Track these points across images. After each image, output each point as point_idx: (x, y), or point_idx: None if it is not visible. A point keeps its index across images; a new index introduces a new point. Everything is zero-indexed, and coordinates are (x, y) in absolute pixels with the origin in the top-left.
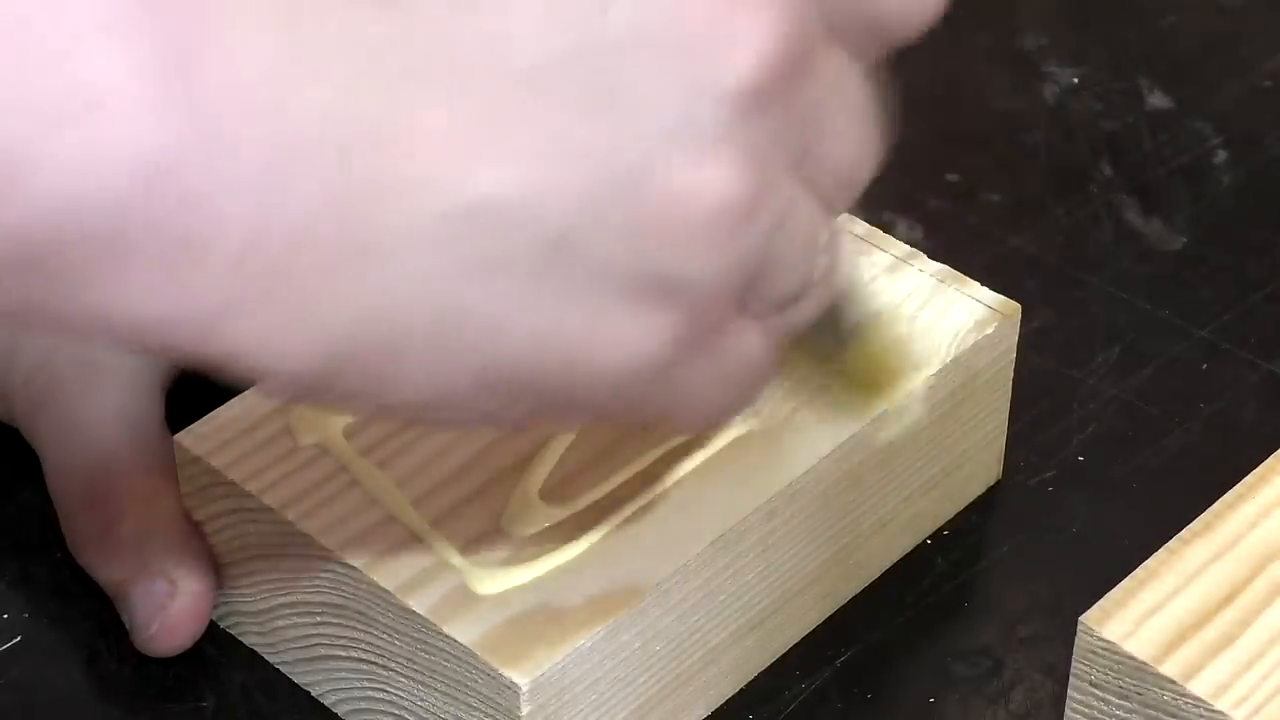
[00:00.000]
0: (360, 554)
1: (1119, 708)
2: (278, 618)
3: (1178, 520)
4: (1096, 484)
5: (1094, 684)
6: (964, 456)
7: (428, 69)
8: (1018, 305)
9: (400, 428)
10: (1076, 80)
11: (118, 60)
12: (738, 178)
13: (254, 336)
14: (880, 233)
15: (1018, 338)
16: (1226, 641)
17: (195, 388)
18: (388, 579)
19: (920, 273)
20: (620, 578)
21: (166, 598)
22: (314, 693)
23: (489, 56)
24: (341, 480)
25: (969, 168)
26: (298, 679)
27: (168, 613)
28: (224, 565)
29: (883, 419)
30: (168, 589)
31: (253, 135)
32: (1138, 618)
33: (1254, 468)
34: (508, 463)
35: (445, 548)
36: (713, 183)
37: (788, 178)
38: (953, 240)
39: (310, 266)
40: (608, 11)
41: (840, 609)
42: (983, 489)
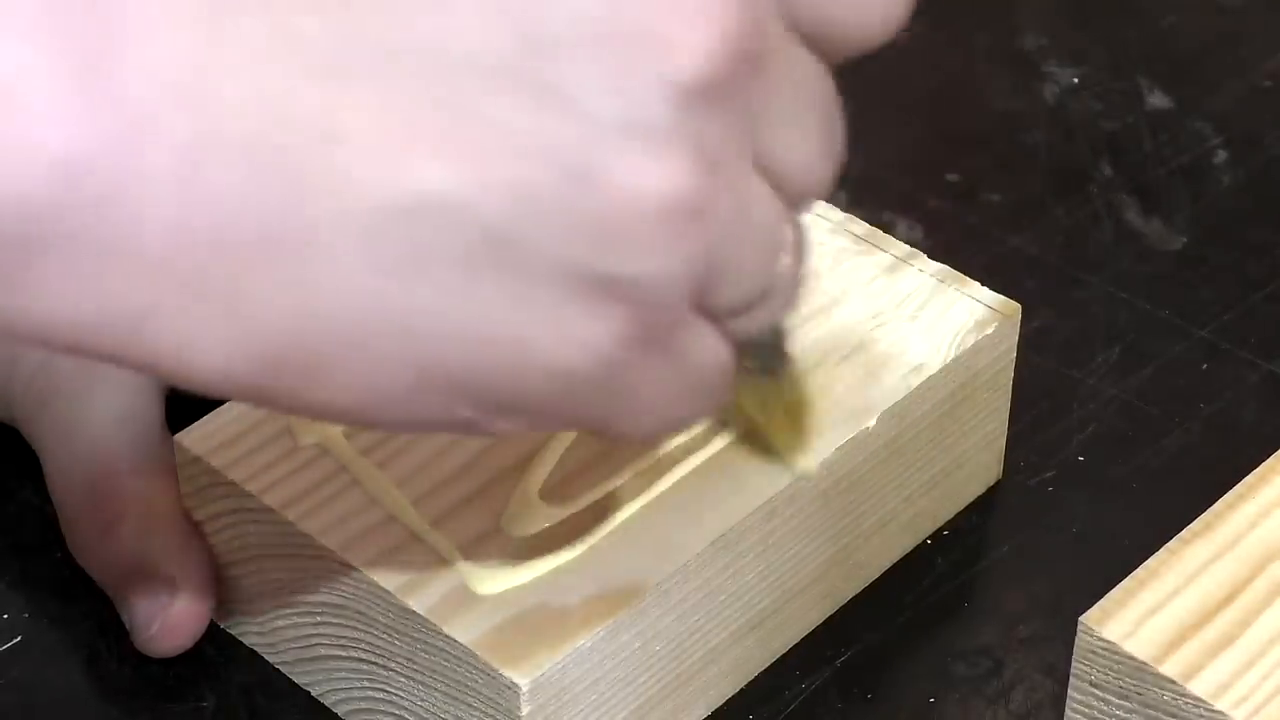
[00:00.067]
0: (360, 554)
1: (1119, 708)
2: (278, 618)
3: (1178, 520)
4: (1096, 484)
5: (1094, 684)
6: (964, 456)
7: (358, 63)
8: (1018, 305)
9: None
10: (1076, 80)
11: (28, 58)
12: (686, 173)
13: (179, 339)
14: (880, 233)
15: (1018, 338)
16: (1226, 641)
17: None
18: (388, 579)
19: (920, 273)
20: (620, 578)
21: (167, 598)
22: (314, 693)
23: (425, 50)
24: (341, 480)
25: (969, 168)
26: (298, 679)
27: (168, 613)
28: (224, 565)
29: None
30: (168, 590)
31: (172, 133)
32: (1138, 618)
33: (1254, 468)
34: (508, 463)
35: (445, 548)
36: (660, 178)
37: (742, 174)
38: (953, 240)
39: (236, 267)
40: (551, 5)
41: (840, 609)
42: (983, 489)
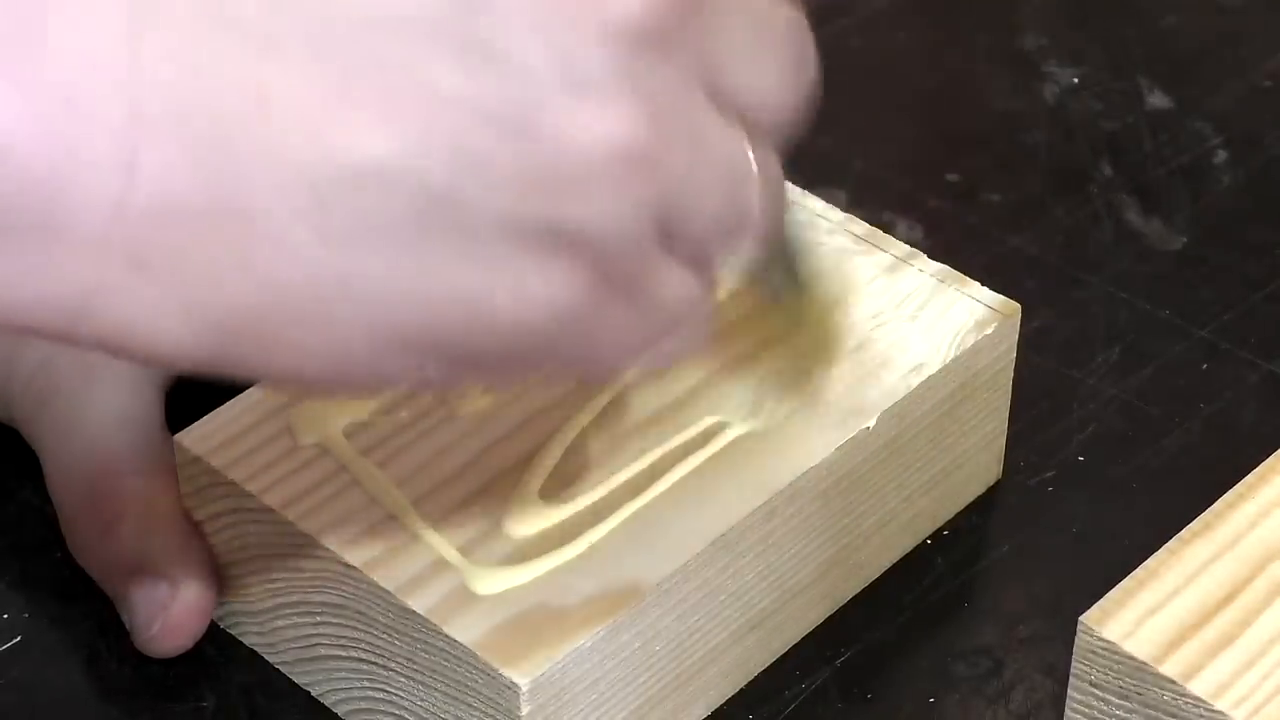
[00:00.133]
0: (360, 554)
1: (1119, 708)
2: (278, 618)
3: (1178, 520)
4: (1096, 484)
5: (1094, 684)
6: (964, 456)
7: (290, 32)
8: (1018, 305)
9: (400, 428)
10: (1076, 80)
11: None
12: (629, 120)
13: (128, 316)
14: (880, 233)
15: (1018, 338)
16: (1226, 641)
17: (195, 388)
18: (388, 579)
19: (920, 273)
20: (620, 578)
21: (167, 598)
22: (314, 693)
23: (358, 16)
24: (341, 480)
25: (969, 168)
26: (298, 679)
27: (168, 613)
28: (224, 565)
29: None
30: (168, 589)
31: (105, 113)
32: (1138, 618)
33: (1254, 468)
34: (508, 463)
35: (445, 548)
36: (602, 127)
37: (692, 112)
38: (953, 240)
39: (182, 242)
40: None
41: (840, 609)
42: (983, 489)
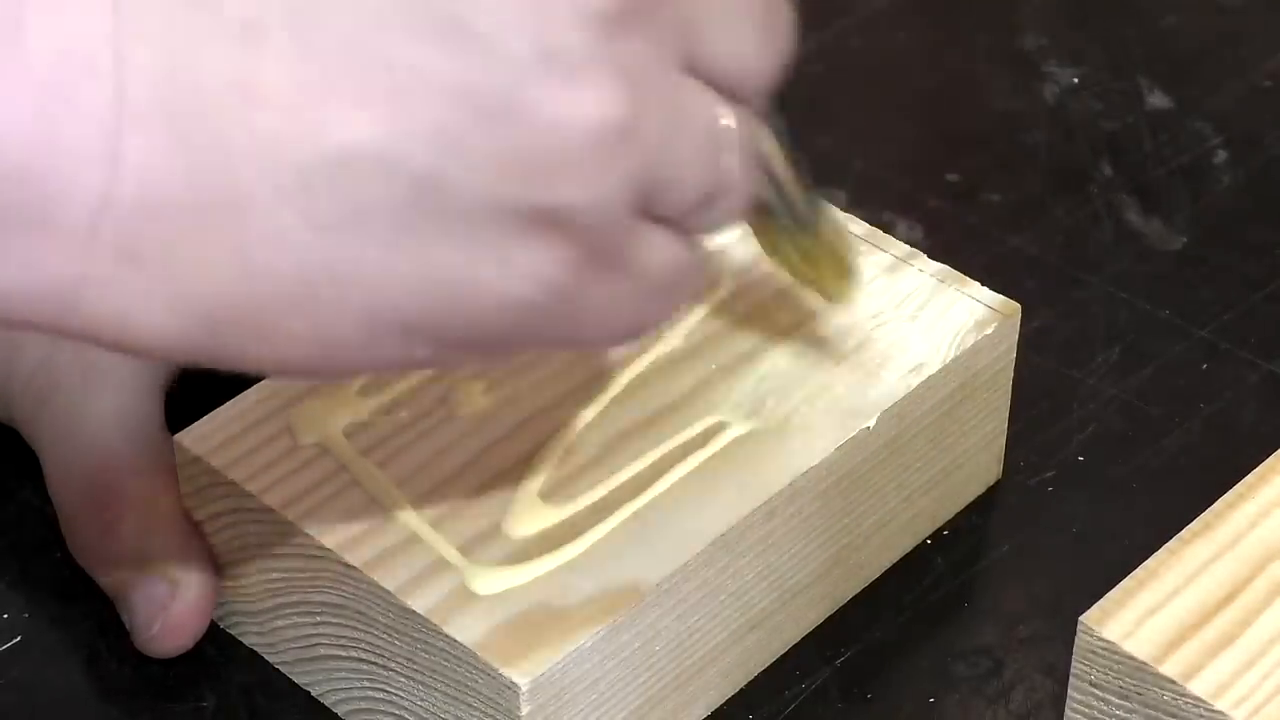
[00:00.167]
0: (360, 554)
1: (1119, 708)
2: (278, 618)
3: (1178, 520)
4: (1096, 484)
5: (1094, 684)
6: (964, 456)
7: (269, 19)
8: (1018, 305)
9: (400, 428)
10: (1076, 80)
11: None
12: (609, 97)
13: (117, 307)
14: (880, 233)
15: (1018, 338)
16: (1226, 641)
17: (195, 388)
18: (388, 579)
19: (920, 273)
20: (620, 578)
21: (167, 598)
22: (314, 693)
23: (339, 3)
24: (341, 480)
25: (969, 168)
26: (298, 679)
27: (169, 613)
28: (224, 565)
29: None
30: (168, 589)
31: (89, 104)
32: (1138, 618)
33: (1254, 468)
34: (508, 463)
35: (445, 548)
36: (583, 106)
37: (671, 84)
38: (953, 240)
39: (169, 232)
40: None
41: (840, 609)
42: (983, 489)
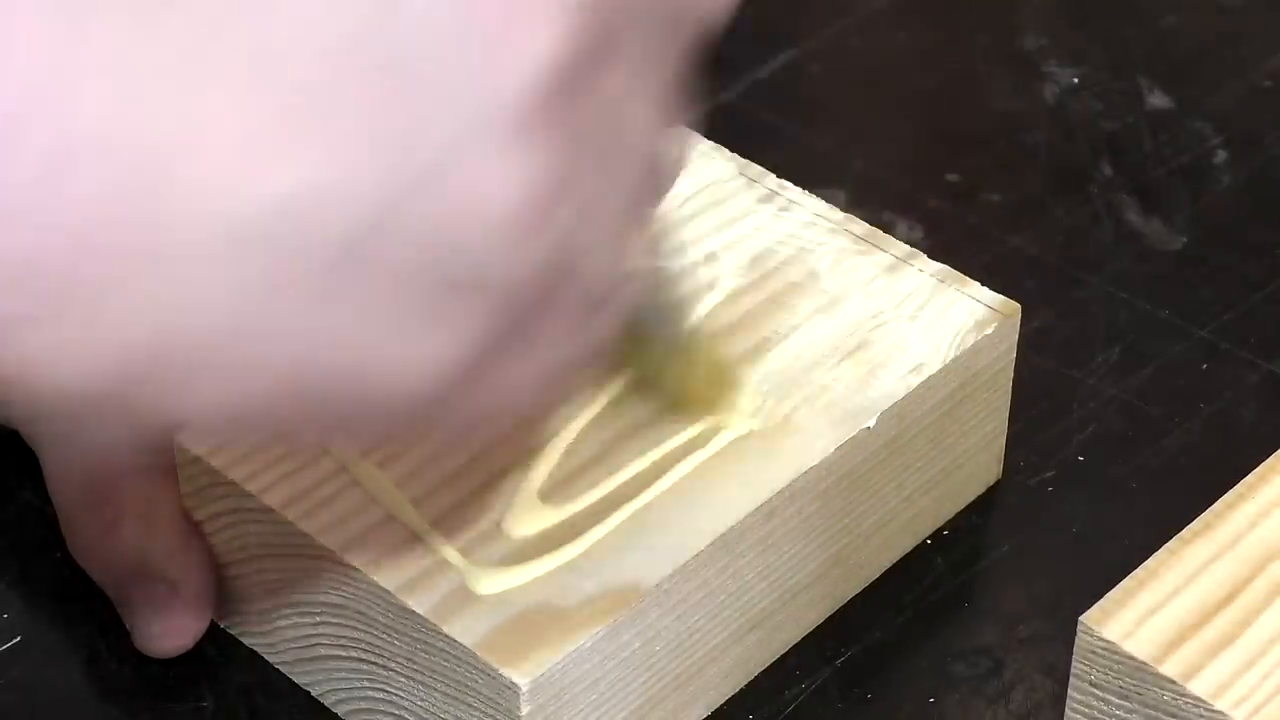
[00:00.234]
0: (360, 554)
1: (1119, 708)
2: (278, 618)
3: (1178, 520)
4: (1096, 484)
5: (1094, 684)
6: (964, 456)
7: (211, 70)
8: (1018, 305)
9: None
10: (1076, 80)
11: None
12: (537, 173)
13: (39, 353)
14: (880, 233)
15: (1018, 338)
16: (1227, 641)
17: None
18: (388, 579)
19: (920, 273)
20: (620, 578)
21: (167, 598)
22: (314, 693)
23: (276, 55)
24: (341, 480)
25: (969, 168)
26: (298, 679)
27: (168, 613)
28: (224, 565)
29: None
30: (168, 590)
31: (34, 137)
32: (1138, 618)
33: (1254, 468)
34: (508, 463)
35: (445, 548)
36: (511, 178)
37: (596, 166)
38: (953, 240)
39: (95, 279)
40: (398, 5)
41: (840, 609)
42: (983, 489)
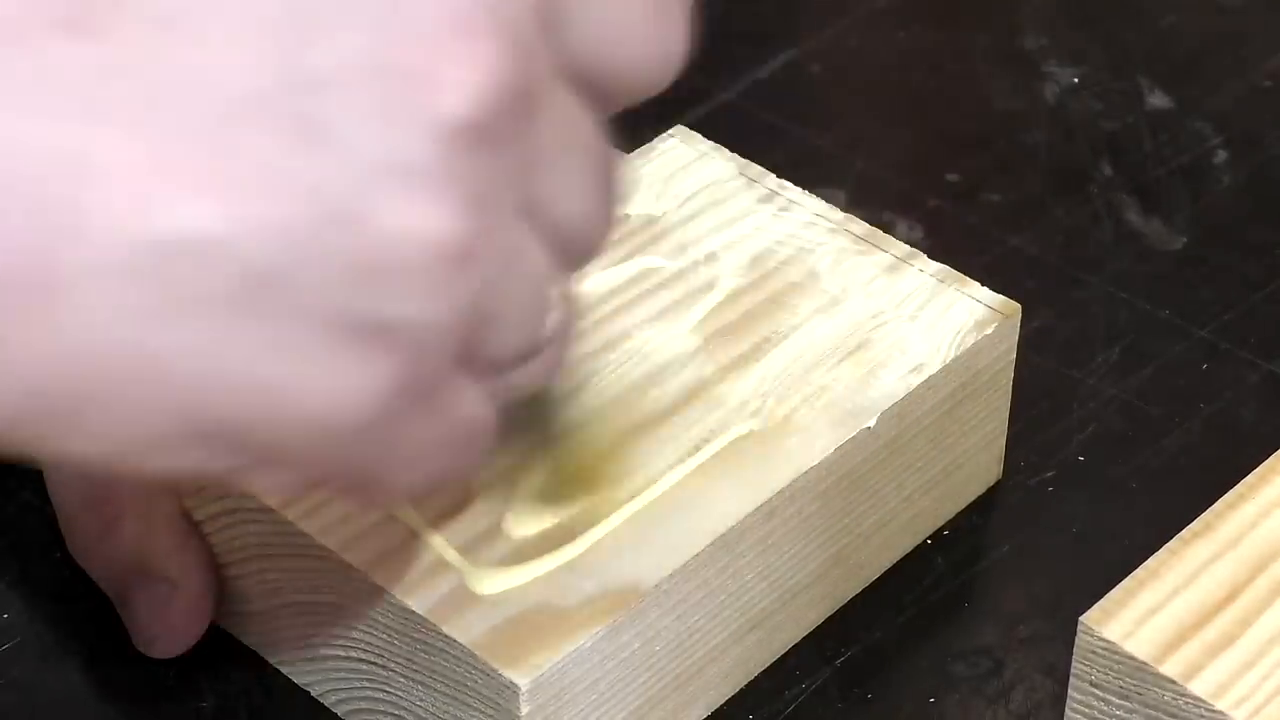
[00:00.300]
0: (360, 554)
1: (1119, 708)
2: (278, 618)
3: (1178, 520)
4: (1096, 484)
5: (1094, 684)
6: (964, 456)
7: (117, 99)
8: (1018, 305)
9: None
10: (1076, 80)
11: None
12: (453, 216)
13: None
14: (880, 233)
15: (1018, 338)
16: (1227, 641)
17: None
18: (388, 579)
19: (920, 273)
20: (620, 578)
21: (167, 598)
22: (314, 693)
23: (188, 88)
24: None
25: (969, 168)
26: (298, 679)
27: (168, 613)
28: (224, 565)
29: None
30: (168, 590)
31: None
32: (1138, 618)
33: (1254, 468)
34: (508, 463)
35: (445, 548)
36: (426, 220)
37: (512, 224)
38: (953, 240)
39: None
40: (314, 43)
41: (840, 609)
42: (983, 489)
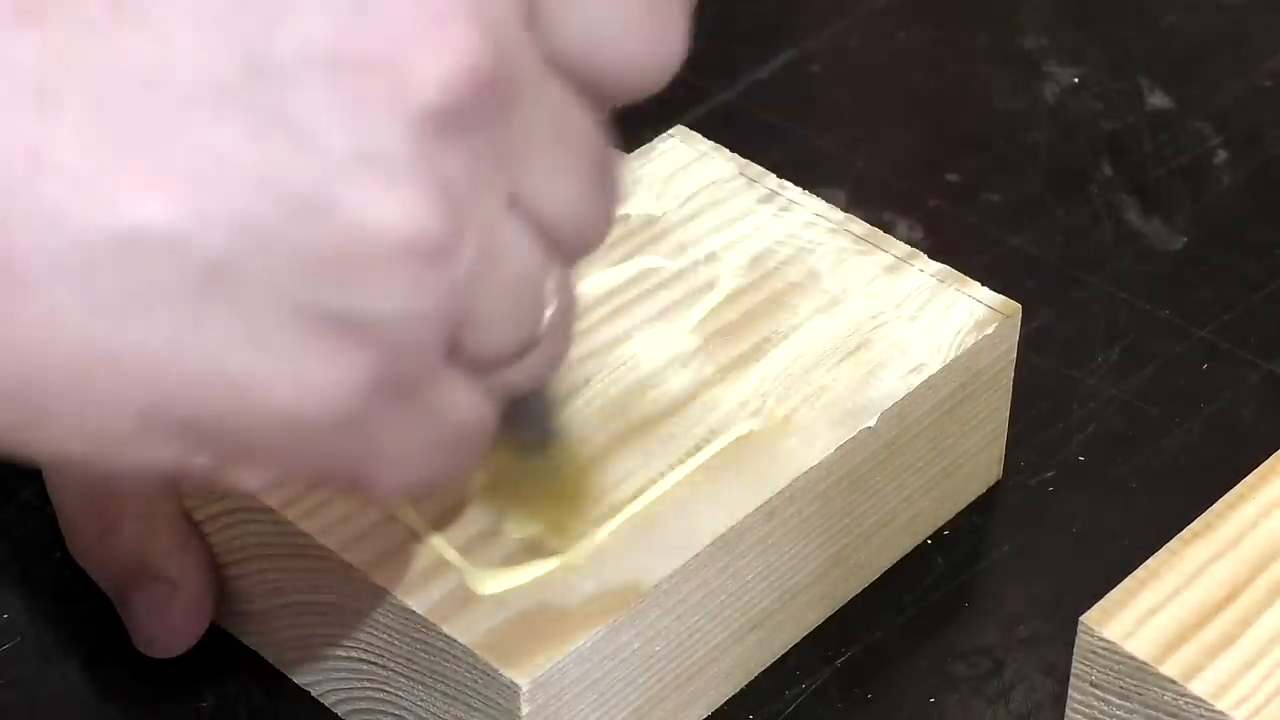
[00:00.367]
0: (360, 554)
1: (1119, 708)
2: (278, 618)
3: (1178, 520)
4: (1096, 484)
5: (1094, 684)
6: (964, 456)
7: (71, 90)
8: (1018, 305)
9: None
10: (1076, 80)
11: None
12: (426, 207)
13: None
14: (880, 233)
15: (1018, 338)
16: (1227, 641)
17: None
18: (388, 579)
19: (920, 273)
20: (620, 578)
21: (167, 598)
22: (314, 693)
23: (144, 77)
24: None
25: (969, 168)
26: (298, 679)
27: (168, 613)
28: (224, 565)
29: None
30: (168, 590)
31: None
32: (1138, 618)
33: (1254, 468)
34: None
35: (445, 548)
36: (398, 211)
37: (492, 215)
38: (953, 240)
39: None
40: (276, 29)
41: (840, 609)
42: (983, 489)
